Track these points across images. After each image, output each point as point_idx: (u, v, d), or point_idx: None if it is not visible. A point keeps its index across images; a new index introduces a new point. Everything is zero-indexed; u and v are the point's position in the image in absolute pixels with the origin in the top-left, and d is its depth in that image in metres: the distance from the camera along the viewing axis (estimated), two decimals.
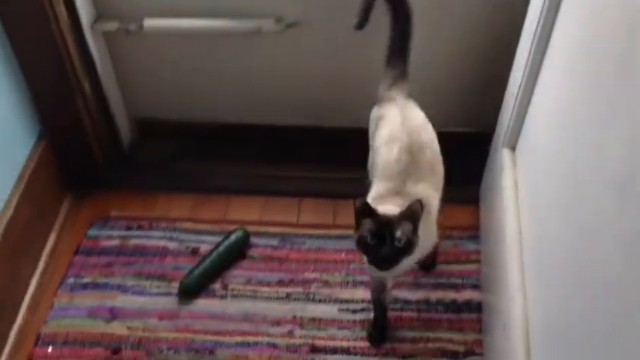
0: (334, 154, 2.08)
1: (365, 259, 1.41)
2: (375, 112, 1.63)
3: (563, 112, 1.21)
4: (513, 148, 1.60)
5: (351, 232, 1.88)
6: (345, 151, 2.08)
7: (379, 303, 1.64)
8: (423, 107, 1.64)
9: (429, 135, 1.54)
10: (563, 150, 1.18)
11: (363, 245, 1.36)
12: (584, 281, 0.99)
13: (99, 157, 2.00)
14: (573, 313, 1.03)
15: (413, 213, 1.34)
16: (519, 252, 1.41)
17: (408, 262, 1.41)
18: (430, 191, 1.47)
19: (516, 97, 1.51)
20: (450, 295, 1.76)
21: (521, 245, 1.41)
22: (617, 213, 0.84)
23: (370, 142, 1.62)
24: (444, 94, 1.95)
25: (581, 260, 1.00)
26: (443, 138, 1.57)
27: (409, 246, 1.34)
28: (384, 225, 1.33)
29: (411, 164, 1.46)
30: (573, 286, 1.04)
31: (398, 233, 1.32)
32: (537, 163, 1.39)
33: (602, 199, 0.91)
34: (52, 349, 1.68)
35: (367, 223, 1.34)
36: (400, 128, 1.51)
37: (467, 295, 1.76)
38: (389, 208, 1.38)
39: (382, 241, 1.32)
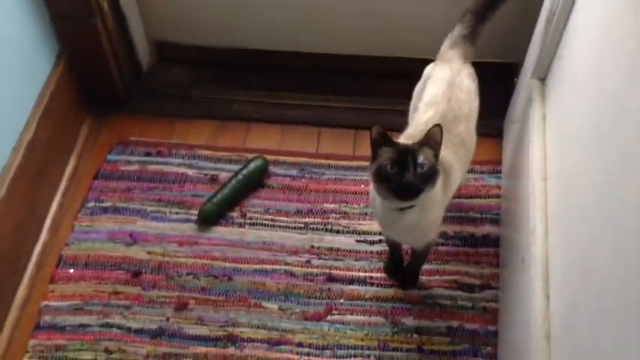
0: (355, 84, 2.04)
1: (376, 206, 1.37)
2: (427, 70, 1.56)
3: (604, 37, 1.15)
4: (543, 80, 1.54)
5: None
6: (367, 80, 2.04)
7: (391, 242, 1.63)
8: (444, 33, 1.58)
9: (470, 111, 1.47)
10: (601, 81, 1.12)
11: (382, 175, 1.27)
12: (612, 221, 0.96)
13: (117, 79, 1.98)
14: (597, 252, 1.02)
15: (432, 137, 1.28)
16: (543, 186, 1.38)
17: (413, 218, 1.35)
18: (454, 162, 1.41)
19: (551, 23, 1.43)
20: (468, 228, 1.75)
21: (546, 180, 1.38)
22: None
23: (414, 96, 1.56)
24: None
25: (612, 199, 0.98)
26: None
27: (433, 172, 1.27)
28: (405, 152, 1.26)
29: None
30: (600, 226, 1.01)
31: (420, 158, 1.25)
32: (570, 95, 1.34)
33: None
34: (74, 271, 1.71)
35: (386, 152, 1.28)
36: (442, 95, 1.44)
37: (485, 229, 1.75)
38: (405, 139, 1.35)
39: (404, 169, 1.25)
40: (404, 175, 1.25)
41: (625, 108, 0.98)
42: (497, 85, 1.78)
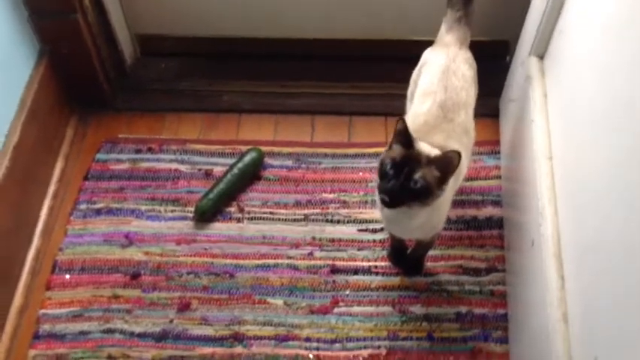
0: (346, 68, 2.00)
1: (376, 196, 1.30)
2: (424, 55, 1.52)
3: (610, 10, 1.12)
4: (541, 57, 1.52)
5: (367, 150, 1.85)
6: (359, 65, 2.00)
7: (391, 235, 1.60)
8: (437, 13, 1.54)
9: (468, 97, 1.43)
10: (608, 56, 1.10)
11: (380, 171, 1.24)
12: (627, 199, 0.94)
13: (102, 76, 1.92)
14: (611, 231, 1.00)
15: (447, 162, 1.21)
16: (550, 167, 1.36)
17: (420, 221, 1.31)
18: (462, 152, 1.28)
19: None
20: (470, 212, 1.73)
21: (551, 160, 1.36)
22: None
23: (410, 84, 1.53)
24: None
25: (626, 176, 0.95)
26: None
27: (425, 193, 1.21)
28: (408, 160, 1.21)
29: (443, 120, 1.37)
30: (614, 204, 0.99)
31: (417, 175, 1.19)
32: (573, 71, 1.31)
33: None
34: (70, 276, 1.66)
35: (397, 149, 1.24)
36: (438, 83, 1.40)
37: (488, 211, 1.73)
38: (428, 147, 1.27)
39: (396, 175, 1.20)
40: (390, 182, 1.21)
41: (634, 85, 0.96)
42: (489, 63, 1.73)
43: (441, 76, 1.42)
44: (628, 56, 1.00)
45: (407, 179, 1.20)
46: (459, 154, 1.21)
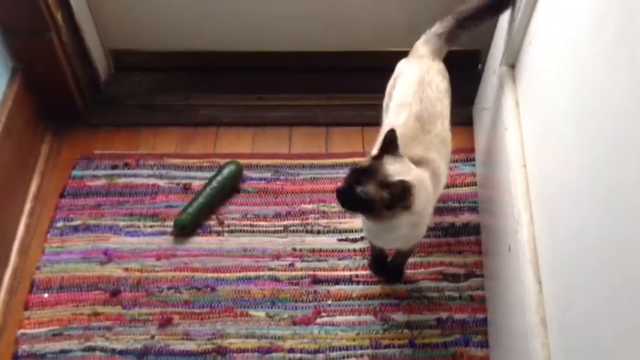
0: (323, 80, 2.01)
1: None
2: (398, 67, 1.53)
3: (578, 21, 1.15)
4: (513, 66, 1.55)
5: (345, 160, 1.87)
6: (335, 76, 2.02)
7: (372, 244, 1.62)
8: (410, 24, 1.57)
9: (443, 108, 1.46)
10: (577, 66, 1.13)
11: (347, 173, 1.29)
12: (600, 205, 0.97)
13: (76, 93, 1.91)
14: (587, 236, 1.02)
15: (399, 192, 1.23)
16: (524, 174, 1.39)
17: (401, 233, 1.35)
18: (440, 162, 1.41)
19: (518, 8, 1.44)
20: (448, 218, 1.75)
21: (525, 167, 1.39)
22: None
23: (385, 95, 1.54)
24: (429, 8, 1.86)
25: (598, 182, 0.98)
26: None
27: (366, 207, 1.26)
28: (365, 170, 1.27)
29: (421, 132, 1.40)
30: (588, 210, 1.02)
31: (360, 188, 1.24)
32: (544, 81, 1.34)
33: (632, 112, 0.86)
34: (49, 295, 1.64)
35: (366, 160, 1.30)
36: (413, 95, 1.43)
37: (465, 218, 1.75)
38: (407, 165, 1.30)
39: (351, 180, 1.26)
40: (344, 184, 1.27)
41: (605, 92, 0.99)
42: (462, 72, 1.77)
43: (416, 87, 1.44)
44: (595, 66, 1.03)
45: (353, 188, 1.25)
46: (406, 189, 1.23)
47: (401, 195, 1.24)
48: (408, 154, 1.33)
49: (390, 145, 1.29)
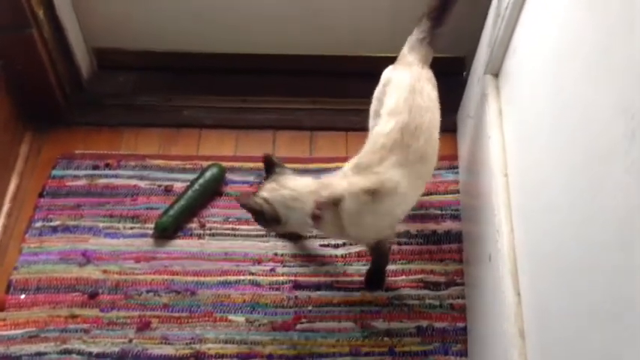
0: (307, 84, 2.00)
1: None
2: (386, 74, 1.52)
3: (560, 32, 1.15)
4: (496, 74, 1.55)
5: (329, 165, 1.86)
6: (319, 80, 2.01)
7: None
8: (393, 29, 1.56)
9: (432, 119, 1.45)
10: (558, 76, 1.13)
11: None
12: (579, 216, 0.97)
13: (57, 91, 1.88)
14: (565, 247, 1.02)
15: (269, 208, 1.36)
16: (505, 183, 1.39)
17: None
18: (403, 180, 1.39)
19: (502, 18, 1.44)
20: (429, 226, 1.75)
21: (507, 176, 1.39)
22: (629, 138, 0.79)
23: (373, 101, 1.53)
24: (413, 12, 1.86)
25: (577, 193, 0.98)
26: None
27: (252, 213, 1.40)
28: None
29: (399, 145, 1.39)
30: (567, 221, 1.02)
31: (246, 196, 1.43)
32: (526, 90, 1.35)
33: (610, 123, 0.86)
34: (25, 296, 1.62)
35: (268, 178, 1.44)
36: (404, 103, 1.42)
37: (447, 225, 1.75)
38: (303, 182, 1.40)
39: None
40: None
41: (584, 103, 0.99)
42: (447, 79, 1.77)
43: (407, 95, 1.44)
44: (576, 76, 1.04)
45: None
46: (263, 210, 1.37)
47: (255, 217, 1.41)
48: (375, 170, 1.37)
49: (270, 169, 1.43)
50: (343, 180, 1.39)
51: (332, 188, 1.37)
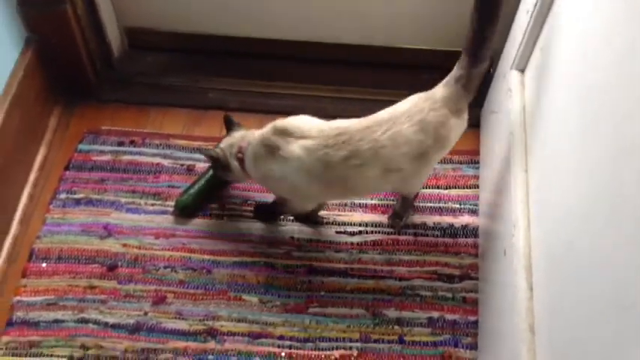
0: (332, 72, 2.01)
1: None
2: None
3: (589, 31, 1.14)
4: (522, 71, 1.55)
5: None
6: (345, 69, 2.02)
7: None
8: (420, 24, 1.54)
9: (379, 157, 1.43)
10: (586, 75, 1.12)
11: None
12: (596, 215, 0.97)
13: (88, 67, 1.92)
14: (581, 245, 1.02)
15: (222, 155, 1.61)
16: (525, 178, 1.39)
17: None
18: (305, 160, 1.45)
19: (531, 15, 1.43)
20: (447, 219, 1.75)
21: (527, 172, 1.39)
22: None
23: None
24: (443, 10, 1.86)
25: (597, 192, 0.98)
26: (440, 57, 1.46)
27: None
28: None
29: (327, 138, 1.46)
30: (584, 219, 1.02)
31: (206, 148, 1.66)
32: (552, 87, 1.34)
33: (635, 119, 0.86)
34: (47, 265, 1.66)
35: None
36: (374, 120, 1.46)
37: (464, 219, 1.75)
38: (241, 133, 1.62)
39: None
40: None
41: (612, 103, 0.98)
42: None
43: (386, 117, 1.44)
44: (604, 75, 1.03)
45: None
46: (215, 157, 1.61)
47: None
48: (292, 134, 1.49)
49: (230, 127, 1.66)
50: (261, 131, 1.54)
51: (251, 136, 1.56)
